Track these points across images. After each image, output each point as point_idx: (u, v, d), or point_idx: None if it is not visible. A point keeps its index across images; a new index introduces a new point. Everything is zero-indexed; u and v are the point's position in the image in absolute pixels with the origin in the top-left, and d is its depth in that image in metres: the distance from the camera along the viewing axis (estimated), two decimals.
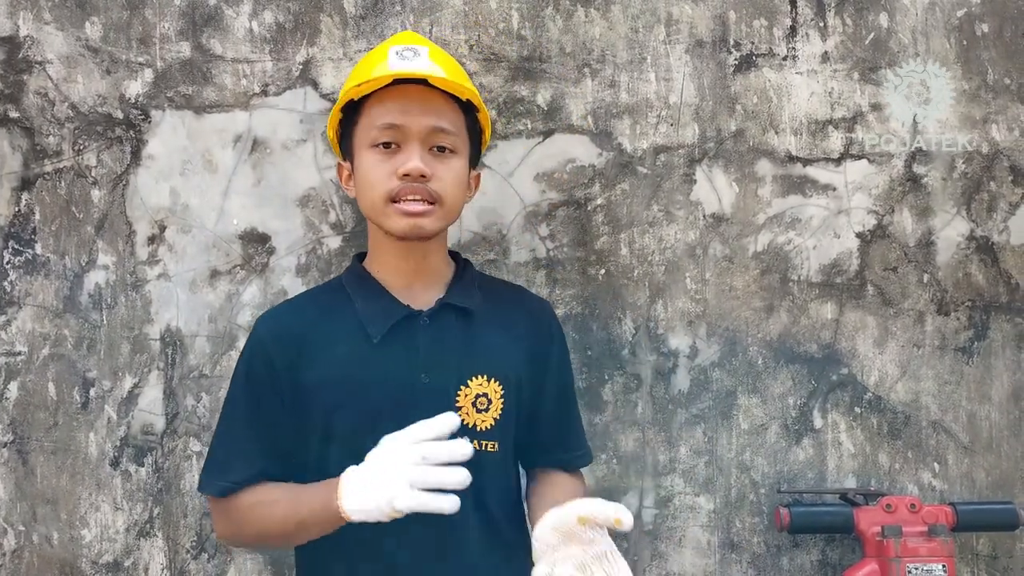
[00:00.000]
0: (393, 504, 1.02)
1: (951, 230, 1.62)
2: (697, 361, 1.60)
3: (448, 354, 1.19)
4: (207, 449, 1.29)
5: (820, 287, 1.61)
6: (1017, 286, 1.62)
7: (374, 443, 1.10)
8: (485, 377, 1.21)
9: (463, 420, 1.18)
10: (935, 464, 1.60)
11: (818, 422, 1.60)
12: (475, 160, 1.29)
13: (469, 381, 1.20)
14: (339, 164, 1.29)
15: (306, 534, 1.13)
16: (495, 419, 1.21)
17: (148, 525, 1.54)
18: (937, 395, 1.61)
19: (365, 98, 1.20)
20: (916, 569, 1.41)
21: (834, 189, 1.62)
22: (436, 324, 1.21)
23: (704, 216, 1.61)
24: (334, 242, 1.58)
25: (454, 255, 1.33)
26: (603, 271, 1.60)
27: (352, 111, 1.22)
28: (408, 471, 1.02)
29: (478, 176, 1.31)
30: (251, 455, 1.18)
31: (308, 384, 1.18)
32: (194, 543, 1.54)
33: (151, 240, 1.57)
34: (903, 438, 1.60)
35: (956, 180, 1.63)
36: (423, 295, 1.23)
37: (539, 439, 1.30)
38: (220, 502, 1.19)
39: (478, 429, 1.20)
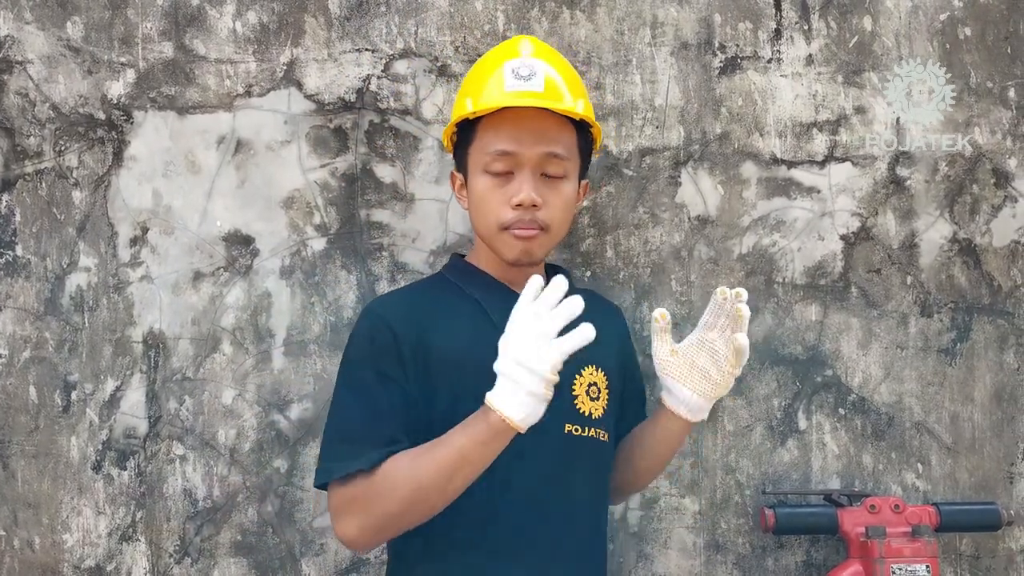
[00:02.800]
0: (542, 369, 1.03)
1: (934, 232, 1.63)
2: None
3: None
4: (318, 442, 1.37)
5: (804, 289, 1.62)
6: (999, 288, 1.63)
7: None
8: (595, 367, 1.25)
9: (579, 408, 1.21)
10: (918, 465, 1.61)
11: (802, 423, 1.60)
12: (584, 172, 1.31)
13: (583, 369, 1.23)
14: (452, 173, 1.32)
15: (469, 470, 1.07)
16: (603, 408, 1.25)
17: (131, 529, 1.53)
18: (920, 396, 1.62)
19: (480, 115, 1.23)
20: (900, 569, 1.41)
21: (818, 191, 1.63)
22: None
23: (689, 218, 1.61)
24: (318, 244, 1.57)
25: (546, 265, 1.37)
26: (589, 273, 1.60)
27: (467, 126, 1.25)
28: (535, 326, 1.04)
29: (587, 184, 1.34)
30: (390, 423, 1.14)
31: (436, 357, 1.17)
32: (177, 547, 1.53)
33: (133, 242, 1.56)
34: (887, 439, 1.61)
35: (939, 183, 1.64)
36: None
37: (626, 426, 1.36)
38: (356, 484, 1.10)
39: (592, 417, 1.22)
